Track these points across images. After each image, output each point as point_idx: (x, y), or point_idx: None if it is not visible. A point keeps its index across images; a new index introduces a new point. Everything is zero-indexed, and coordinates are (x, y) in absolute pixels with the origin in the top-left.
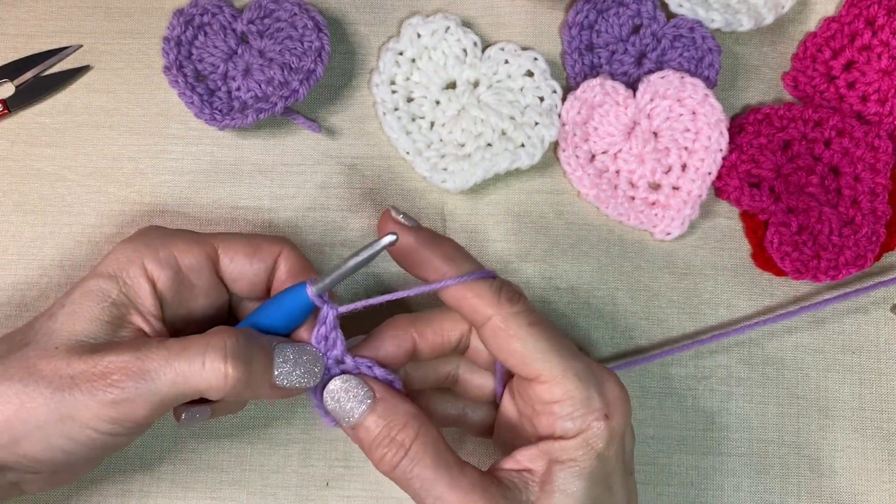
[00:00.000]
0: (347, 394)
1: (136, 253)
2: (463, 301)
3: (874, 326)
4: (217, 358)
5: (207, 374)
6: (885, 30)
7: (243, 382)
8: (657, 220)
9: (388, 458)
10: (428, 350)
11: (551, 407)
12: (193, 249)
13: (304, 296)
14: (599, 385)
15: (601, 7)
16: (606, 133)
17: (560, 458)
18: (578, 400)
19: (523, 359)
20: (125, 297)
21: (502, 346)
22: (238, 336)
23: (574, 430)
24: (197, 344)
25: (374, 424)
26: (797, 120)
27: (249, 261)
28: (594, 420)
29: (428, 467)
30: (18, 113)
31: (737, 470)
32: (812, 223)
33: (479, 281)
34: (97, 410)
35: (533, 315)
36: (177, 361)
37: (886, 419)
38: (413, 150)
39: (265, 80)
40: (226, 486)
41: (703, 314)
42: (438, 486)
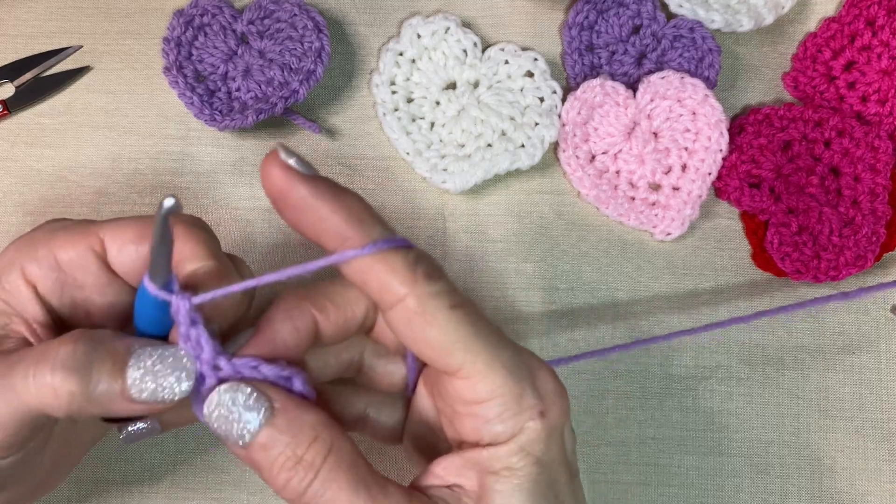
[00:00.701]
0: (233, 407)
1: (15, 254)
2: (369, 275)
3: (874, 327)
4: (44, 371)
5: (36, 389)
6: (886, 30)
7: (81, 397)
8: (657, 220)
9: (294, 483)
10: (332, 330)
11: (476, 408)
12: (75, 243)
13: (146, 293)
14: (532, 377)
15: (601, 7)
16: (606, 133)
17: (493, 469)
18: (509, 397)
19: (442, 349)
20: (6, 305)
21: (416, 334)
22: (80, 340)
23: (506, 433)
24: (31, 353)
25: (272, 442)
26: (797, 120)
27: (137, 248)
28: (529, 420)
29: (343, 490)
30: (18, 114)
31: (737, 470)
32: (812, 224)
33: (390, 251)
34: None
35: (455, 296)
36: (9, 377)
37: (886, 419)
38: (413, 150)
39: (265, 80)
40: (226, 487)
41: (703, 314)
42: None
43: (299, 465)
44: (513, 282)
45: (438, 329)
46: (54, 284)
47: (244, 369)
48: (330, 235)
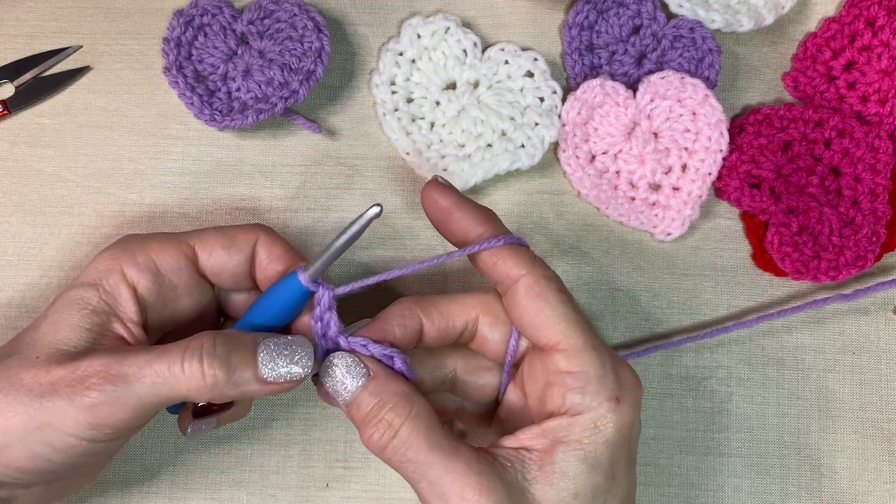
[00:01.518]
0: (342, 371)
1: (114, 260)
2: (498, 259)
3: (874, 327)
4: (194, 358)
5: (187, 376)
6: (886, 30)
7: (224, 381)
8: (657, 220)
9: (376, 438)
10: (434, 333)
11: (565, 377)
12: (170, 250)
13: (297, 284)
14: (615, 367)
15: (601, 8)
16: (606, 133)
17: (564, 439)
18: (593, 376)
19: (548, 321)
20: (106, 305)
21: (529, 307)
22: (216, 336)
23: (583, 405)
24: (176, 347)
25: (364, 402)
26: (797, 120)
27: (227, 253)
28: (605, 401)
29: (420, 450)
30: (18, 114)
31: (737, 471)
32: (812, 224)
33: (515, 244)
34: (75, 416)
35: (562, 284)
36: (156, 364)
37: (886, 420)
38: (413, 150)
39: (265, 80)
40: (226, 487)
41: (703, 315)
42: (432, 470)
43: (381, 424)
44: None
45: (547, 304)
46: (152, 286)
47: (356, 346)
48: (470, 230)
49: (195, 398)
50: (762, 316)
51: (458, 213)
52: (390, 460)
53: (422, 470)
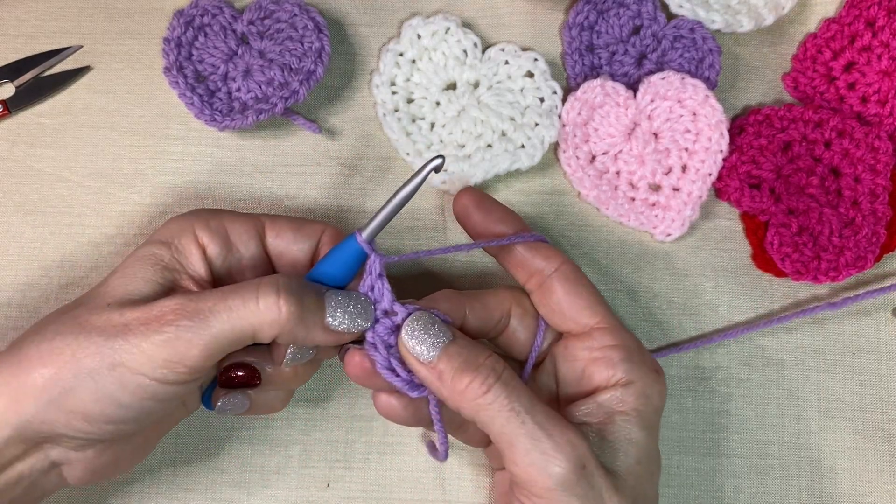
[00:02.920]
0: (427, 326)
1: (187, 222)
2: (536, 252)
3: (874, 328)
4: (270, 293)
5: (262, 308)
6: (886, 31)
7: (297, 317)
8: (657, 221)
9: (477, 384)
10: (475, 322)
11: (610, 351)
12: (242, 221)
13: (355, 244)
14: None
15: (601, 8)
16: (607, 134)
17: (621, 409)
18: (633, 349)
19: (588, 304)
20: (177, 263)
21: (571, 291)
22: (290, 276)
23: (633, 374)
24: (250, 284)
25: (456, 354)
26: (797, 121)
27: (294, 237)
28: (650, 371)
29: (523, 394)
30: (19, 113)
31: (737, 471)
32: (812, 224)
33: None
34: (150, 352)
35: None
36: (230, 299)
37: (887, 420)
38: (413, 150)
39: (265, 80)
40: (226, 487)
41: (703, 315)
42: (537, 414)
43: (481, 369)
44: (513, 282)
45: (585, 288)
46: (221, 250)
47: (428, 310)
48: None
49: (266, 334)
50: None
51: (489, 215)
52: (491, 406)
53: (523, 415)
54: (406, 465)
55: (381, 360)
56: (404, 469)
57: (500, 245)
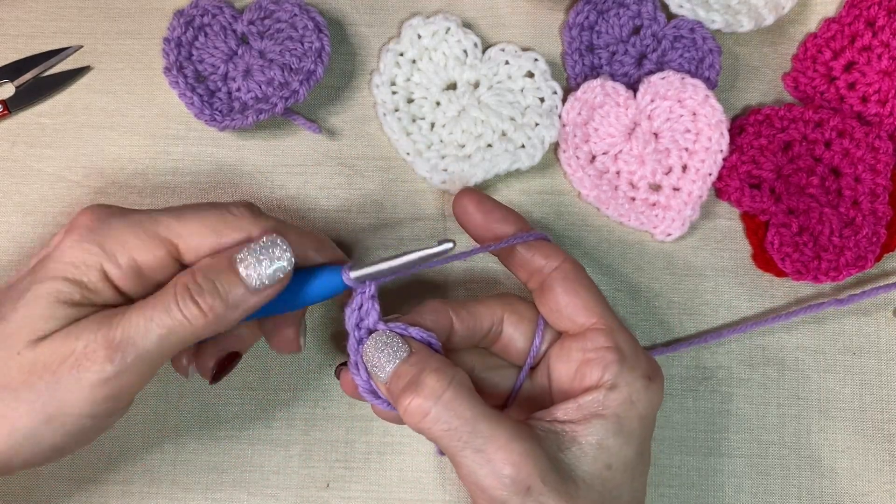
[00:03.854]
0: (384, 346)
1: (91, 257)
2: (535, 251)
3: (875, 328)
4: (187, 300)
5: (189, 318)
6: (886, 31)
7: (222, 306)
8: (658, 221)
9: (416, 403)
10: (463, 331)
11: (603, 352)
12: (153, 250)
13: (338, 280)
14: (644, 352)
15: (601, 8)
16: (607, 134)
17: (601, 413)
18: (629, 352)
19: (587, 303)
20: (87, 300)
21: (569, 290)
22: (194, 272)
23: (621, 378)
24: (164, 296)
25: (405, 372)
26: (797, 121)
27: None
28: (641, 377)
29: (464, 417)
30: (19, 113)
31: (738, 471)
32: (812, 224)
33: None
34: (89, 396)
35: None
36: (155, 318)
37: (887, 420)
38: (413, 151)
39: (265, 80)
40: (226, 487)
41: (703, 315)
42: (477, 438)
43: (421, 389)
44: (514, 282)
45: (584, 288)
46: (134, 282)
47: (396, 329)
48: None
49: (201, 336)
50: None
51: (490, 215)
52: (431, 429)
53: (465, 438)
54: (406, 465)
55: (362, 384)
56: (404, 469)
57: (502, 247)
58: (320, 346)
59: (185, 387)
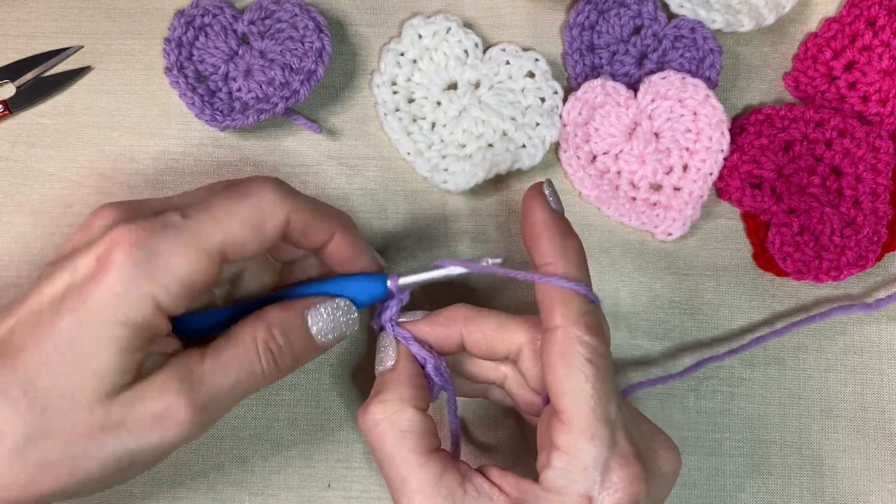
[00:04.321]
0: (381, 347)
1: (142, 293)
2: (546, 297)
3: (876, 327)
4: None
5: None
6: (886, 30)
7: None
8: (658, 220)
9: (360, 419)
10: (474, 350)
11: (552, 451)
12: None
13: (382, 287)
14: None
15: (602, 8)
16: (607, 134)
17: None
18: (577, 465)
19: (559, 386)
20: (147, 341)
21: (549, 362)
22: (274, 330)
23: (555, 485)
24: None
25: (376, 385)
26: (798, 120)
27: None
28: (577, 495)
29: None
30: (19, 114)
31: (739, 471)
32: (813, 224)
33: (572, 292)
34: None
35: (600, 357)
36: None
37: (888, 419)
38: (414, 150)
39: (266, 80)
40: (227, 487)
41: (704, 315)
42: (392, 473)
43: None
44: (514, 282)
45: (566, 368)
46: (189, 301)
47: (400, 336)
48: (541, 255)
49: (264, 387)
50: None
51: (543, 235)
52: (370, 446)
53: (384, 469)
54: None
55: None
56: None
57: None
58: None
59: None
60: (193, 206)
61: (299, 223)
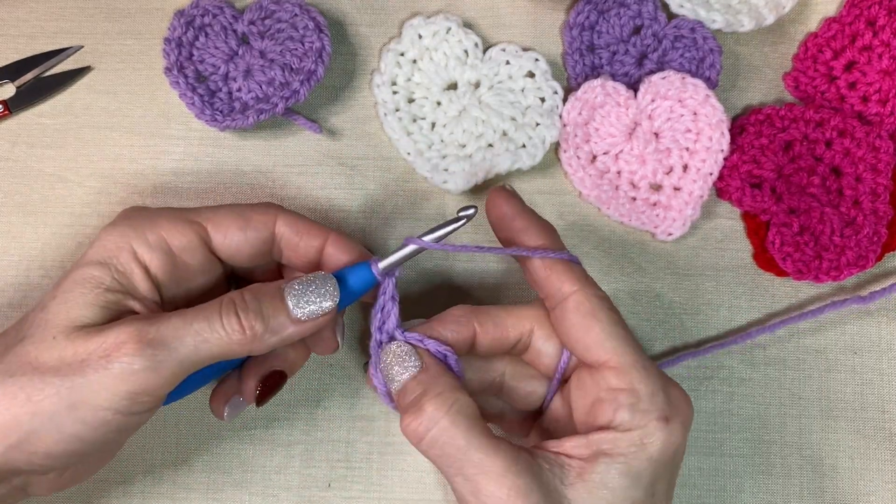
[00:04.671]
0: (396, 359)
1: (123, 238)
2: (551, 271)
3: (876, 327)
4: (231, 314)
5: (227, 332)
6: (886, 30)
7: (262, 330)
8: (659, 220)
9: (414, 426)
10: (487, 343)
11: (616, 395)
12: (183, 230)
13: (368, 275)
14: (665, 387)
15: (602, 8)
16: (607, 134)
17: (609, 452)
18: (644, 394)
19: (598, 339)
20: (119, 284)
21: (579, 324)
22: (244, 292)
23: (633, 423)
24: (209, 307)
25: (410, 390)
26: (798, 120)
27: (244, 234)
28: (655, 419)
29: (458, 446)
30: (19, 114)
31: (739, 471)
32: (813, 224)
33: (569, 261)
34: (112, 387)
35: (612, 304)
36: (195, 324)
37: (888, 419)
38: (414, 150)
39: (266, 80)
40: (227, 488)
41: (704, 315)
42: (468, 467)
43: (421, 413)
44: (514, 282)
45: (597, 321)
46: (165, 265)
47: (413, 340)
48: (528, 241)
49: (234, 354)
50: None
51: (519, 222)
52: (427, 452)
53: (458, 465)
54: (407, 465)
55: (379, 387)
56: (406, 469)
57: (526, 256)
58: None
59: None
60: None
61: (290, 223)
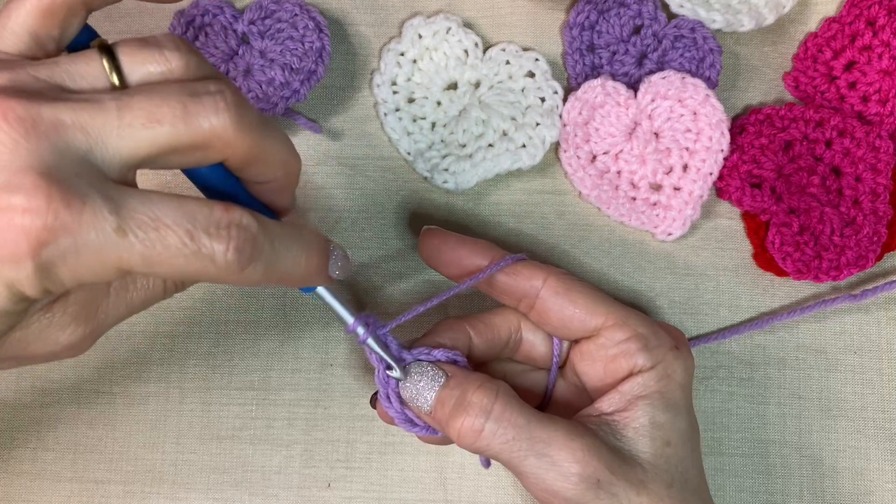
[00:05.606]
0: (419, 376)
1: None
2: (516, 275)
3: (876, 327)
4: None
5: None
6: (886, 30)
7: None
8: (658, 220)
9: (468, 423)
10: (482, 344)
11: (625, 345)
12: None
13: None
14: (655, 324)
15: (602, 8)
16: (607, 134)
17: (643, 394)
18: (647, 334)
19: (588, 307)
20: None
21: (565, 301)
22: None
23: (651, 361)
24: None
25: (448, 397)
26: (798, 120)
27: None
28: (668, 350)
29: (519, 425)
30: None
31: (739, 470)
32: (813, 224)
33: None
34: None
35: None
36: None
37: (888, 419)
38: (414, 150)
39: (266, 80)
40: (227, 487)
41: (704, 315)
42: (537, 443)
43: (472, 408)
44: None
45: (579, 293)
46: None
47: (421, 355)
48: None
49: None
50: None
51: (461, 249)
52: (489, 446)
53: (525, 446)
54: (407, 465)
55: (397, 415)
56: (406, 469)
57: (480, 280)
58: (320, 346)
59: (187, 386)
60: None
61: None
